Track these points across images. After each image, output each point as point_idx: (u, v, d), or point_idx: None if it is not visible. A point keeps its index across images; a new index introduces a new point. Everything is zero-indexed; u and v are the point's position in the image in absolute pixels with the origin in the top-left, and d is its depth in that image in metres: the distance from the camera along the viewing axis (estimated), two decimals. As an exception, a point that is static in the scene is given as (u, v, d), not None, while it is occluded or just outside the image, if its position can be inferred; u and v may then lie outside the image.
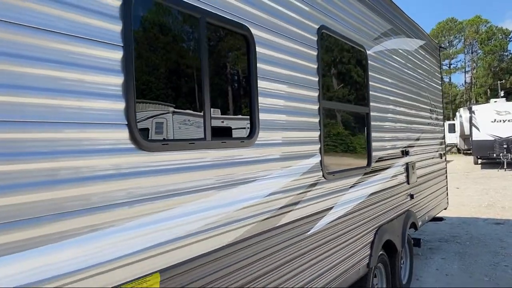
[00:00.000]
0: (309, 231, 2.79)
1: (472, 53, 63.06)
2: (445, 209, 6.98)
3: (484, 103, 25.93)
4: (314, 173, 2.89)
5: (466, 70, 64.20)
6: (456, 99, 63.99)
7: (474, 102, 52.86)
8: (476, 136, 20.12)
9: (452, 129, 32.51)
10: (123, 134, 1.58)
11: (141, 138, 1.62)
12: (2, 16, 1.23)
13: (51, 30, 1.36)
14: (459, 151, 32.85)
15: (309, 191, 2.83)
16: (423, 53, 5.92)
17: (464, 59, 64.05)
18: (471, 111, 20.92)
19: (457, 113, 31.34)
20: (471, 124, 20.64)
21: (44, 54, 1.33)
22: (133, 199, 1.59)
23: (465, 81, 64.67)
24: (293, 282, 2.56)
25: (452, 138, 32.83)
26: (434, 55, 6.64)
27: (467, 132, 23.85)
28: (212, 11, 2.01)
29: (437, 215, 6.61)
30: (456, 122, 30.52)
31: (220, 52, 2.21)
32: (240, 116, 2.35)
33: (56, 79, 1.36)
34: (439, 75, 6.99)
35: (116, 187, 1.53)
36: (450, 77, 65.45)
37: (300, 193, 2.72)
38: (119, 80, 1.57)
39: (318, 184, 2.94)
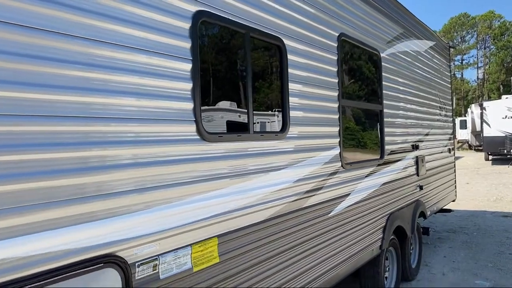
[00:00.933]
0: (330, 213, 3.21)
1: (484, 48, 62.50)
2: (453, 201, 7.33)
3: (496, 99, 25.96)
4: (334, 163, 3.31)
5: (479, 65, 63.69)
6: (468, 95, 63.51)
7: (487, 98, 52.52)
8: (487, 132, 20.27)
9: (463, 125, 32.49)
10: (191, 128, 2.02)
11: (204, 130, 2.06)
12: (116, 41, 1.67)
13: (139, 48, 1.79)
14: (470, 147, 32.75)
15: (330, 178, 3.25)
16: (433, 53, 6.27)
17: (477, 54, 63.53)
18: (482, 108, 21.06)
19: (468, 110, 31.31)
20: (482, 120, 20.79)
21: (134, 67, 1.77)
22: (195, 177, 2.03)
23: (477, 77, 64.15)
24: (318, 255, 3.00)
25: (464, 135, 32.83)
26: (444, 54, 6.99)
27: (478, 128, 23.96)
28: (255, 27, 2.44)
29: (446, 207, 6.99)
30: (468, 119, 30.47)
31: (260, 60, 2.63)
32: (272, 113, 2.77)
33: (152, 86, 1.80)
34: (448, 74, 7.33)
35: (185, 170, 1.97)
36: (462, 73, 64.95)
37: (323, 180, 3.14)
38: (189, 86, 2.00)
39: (338, 173, 3.36)
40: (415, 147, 5.18)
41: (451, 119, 7.30)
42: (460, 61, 63.95)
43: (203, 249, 2.04)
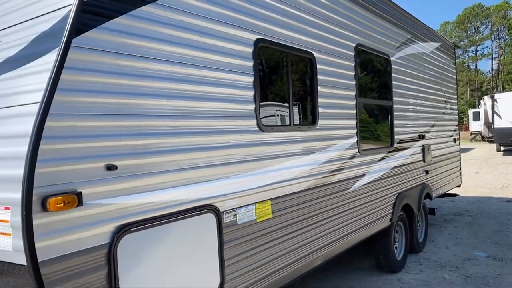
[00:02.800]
0: (349, 188, 4.04)
1: (499, 39, 62.00)
2: (458, 186, 8.07)
3: (510, 91, 26.25)
4: (352, 149, 4.13)
5: (493, 56, 63.24)
6: (483, 86, 63.18)
7: (501, 89, 52.31)
8: (498, 123, 20.77)
9: (476, 117, 32.74)
10: (253, 122, 2.86)
11: (261, 124, 2.91)
12: (212, 65, 2.52)
13: (229, 69, 2.64)
14: (483, 138, 32.97)
15: (349, 161, 4.07)
16: (438, 53, 7.01)
17: (491, 45, 63.07)
18: (493, 99, 21.52)
19: (481, 101, 31.57)
20: (493, 112, 21.27)
21: (225, 81, 2.62)
22: (256, 156, 2.87)
23: (492, 67, 63.73)
24: (341, 220, 3.84)
25: (477, 126, 33.09)
26: (449, 53, 7.71)
27: (491, 120, 24.38)
28: (293, 46, 3.28)
29: (452, 192, 7.75)
30: (481, 110, 30.73)
31: (297, 70, 3.46)
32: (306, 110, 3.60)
33: (228, 94, 2.65)
34: (454, 70, 8.05)
35: (250, 151, 2.82)
36: (476, 64, 64.60)
37: (343, 162, 3.97)
38: (251, 93, 2.85)
39: (355, 157, 4.18)
40: (421, 137, 5.96)
41: (456, 112, 8.03)
42: (474, 52, 63.58)
43: (262, 207, 2.90)
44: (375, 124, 4.91)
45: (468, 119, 40.29)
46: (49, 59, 1.78)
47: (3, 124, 1.84)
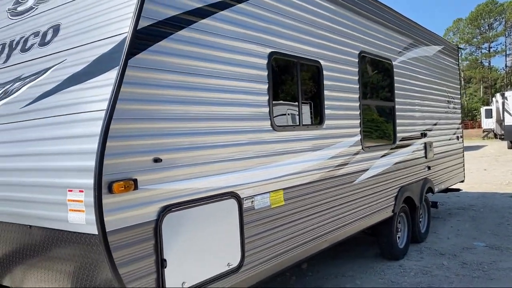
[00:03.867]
0: (354, 181, 4.51)
1: (513, 35, 61.38)
2: (462, 181, 8.45)
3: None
4: (356, 146, 4.59)
5: (507, 53, 62.61)
6: (497, 83, 62.64)
7: (515, 86, 51.77)
8: (508, 121, 20.92)
9: (489, 114, 32.71)
10: (268, 123, 3.36)
11: (275, 124, 3.40)
12: (234, 76, 3.02)
13: (247, 79, 3.14)
14: (496, 136, 32.87)
15: (354, 157, 4.54)
16: (440, 55, 7.41)
17: (505, 42, 62.46)
18: (503, 97, 21.65)
19: (493, 99, 31.55)
20: (504, 110, 21.41)
21: (244, 89, 3.12)
22: (270, 152, 3.37)
23: (505, 64, 63.11)
24: (345, 209, 4.31)
25: (489, 124, 33.05)
26: (452, 55, 8.10)
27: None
28: (302, 56, 3.76)
29: (455, 187, 8.13)
30: (493, 108, 30.70)
31: (305, 77, 3.95)
32: (314, 111, 4.08)
33: (246, 99, 3.15)
34: (457, 71, 8.43)
35: (264, 148, 3.31)
36: (489, 61, 64.06)
37: (348, 158, 4.43)
38: (266, 98, 3.34)
39: (359, 153, 4.65)
40: (423, 135, 6.38)
41: (460, 111, 8.40)
42: (488, 49, 63.04)
43: (275, 195, 3.39)
44: (379, 123, 5.36)
45: (481, 117, 40.13)
46: (111, 76, 2.30)
47: (76, 127, 2.37)
